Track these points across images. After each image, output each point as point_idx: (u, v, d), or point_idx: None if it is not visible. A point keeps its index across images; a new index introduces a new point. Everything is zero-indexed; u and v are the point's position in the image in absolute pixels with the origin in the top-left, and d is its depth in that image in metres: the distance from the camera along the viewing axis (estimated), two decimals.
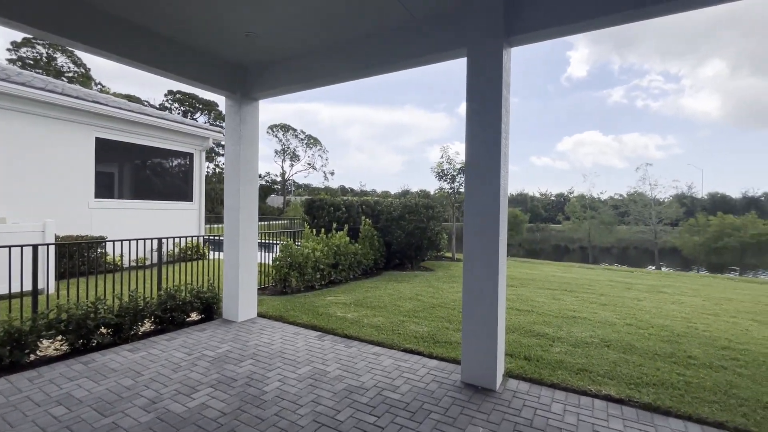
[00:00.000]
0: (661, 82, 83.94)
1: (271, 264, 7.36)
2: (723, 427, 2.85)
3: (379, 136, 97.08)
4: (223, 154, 33.68)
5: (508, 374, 3.70)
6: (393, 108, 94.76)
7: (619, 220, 23.07)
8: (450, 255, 13.03)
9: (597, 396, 3.30)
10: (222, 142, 13.64)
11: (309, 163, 55.24)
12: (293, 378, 3.57)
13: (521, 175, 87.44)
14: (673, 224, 20.81)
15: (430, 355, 4.16)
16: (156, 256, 6.66)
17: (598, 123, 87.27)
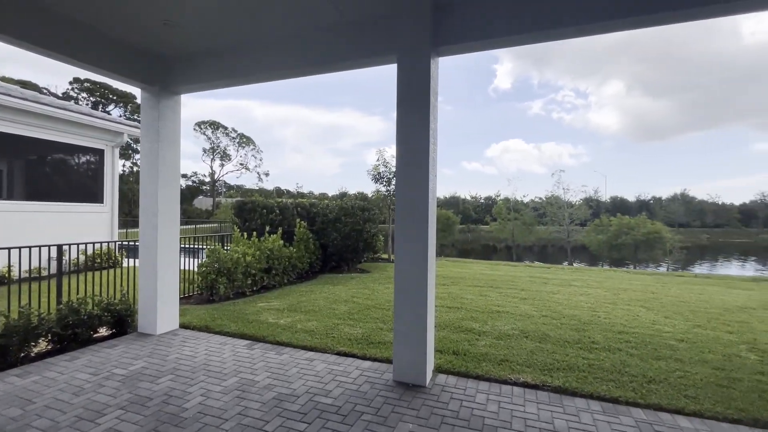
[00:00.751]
0: (572, 98, 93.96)
1: (196, 270, 6.87)
2: (617, 402, 3.26)
3: (317, 138, 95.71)
4: None
5: (438, 369, 3.85)
6: (331, 109, 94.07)
7: (539, 221, 25.35)
8: (387, 256, 13.24)
9: (516, 383, 3.58)
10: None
11: (241, 163, 52.61)
12: (218, 391, 3.36)
13: (454, 179, 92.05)
14: (582, 224, 23.39)
15: (364, 357, 4.18)
16: (57, 265, 5.84)
17: (522, 132, 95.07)
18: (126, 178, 37.94)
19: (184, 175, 50.76)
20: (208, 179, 52.53)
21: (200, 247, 7.78)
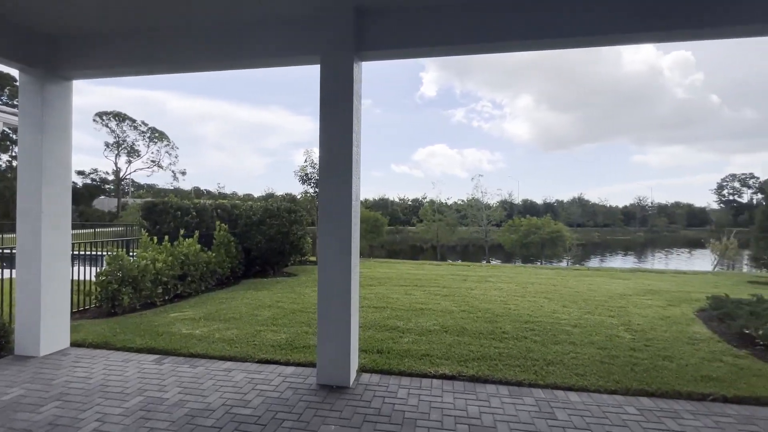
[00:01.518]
0: (490, 108, 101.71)
1: (94, 280, 6.07)
2: (521, 384, 3.61)
3: (241, 135, 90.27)
4: None
5: (362, 369, 3.90)
6: (257, 106, 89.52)
7: (460, 222, 27.04)
8: (315, 259, 13.03)
9: (435, 376, 3.78)
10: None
11: (153, 161, 47.52)
12: (118, 414, 3.01)
13: (383, 181, 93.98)
14: (498, 225, 25.49)
15: (287, 363, 4.07)
16: None
17: (446, 138, 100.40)
18: (3, 175, 32.09)
19: (81, 172, 44.35)
20: (111, 177, 46.61)
21: (101, 253, 6.91)
